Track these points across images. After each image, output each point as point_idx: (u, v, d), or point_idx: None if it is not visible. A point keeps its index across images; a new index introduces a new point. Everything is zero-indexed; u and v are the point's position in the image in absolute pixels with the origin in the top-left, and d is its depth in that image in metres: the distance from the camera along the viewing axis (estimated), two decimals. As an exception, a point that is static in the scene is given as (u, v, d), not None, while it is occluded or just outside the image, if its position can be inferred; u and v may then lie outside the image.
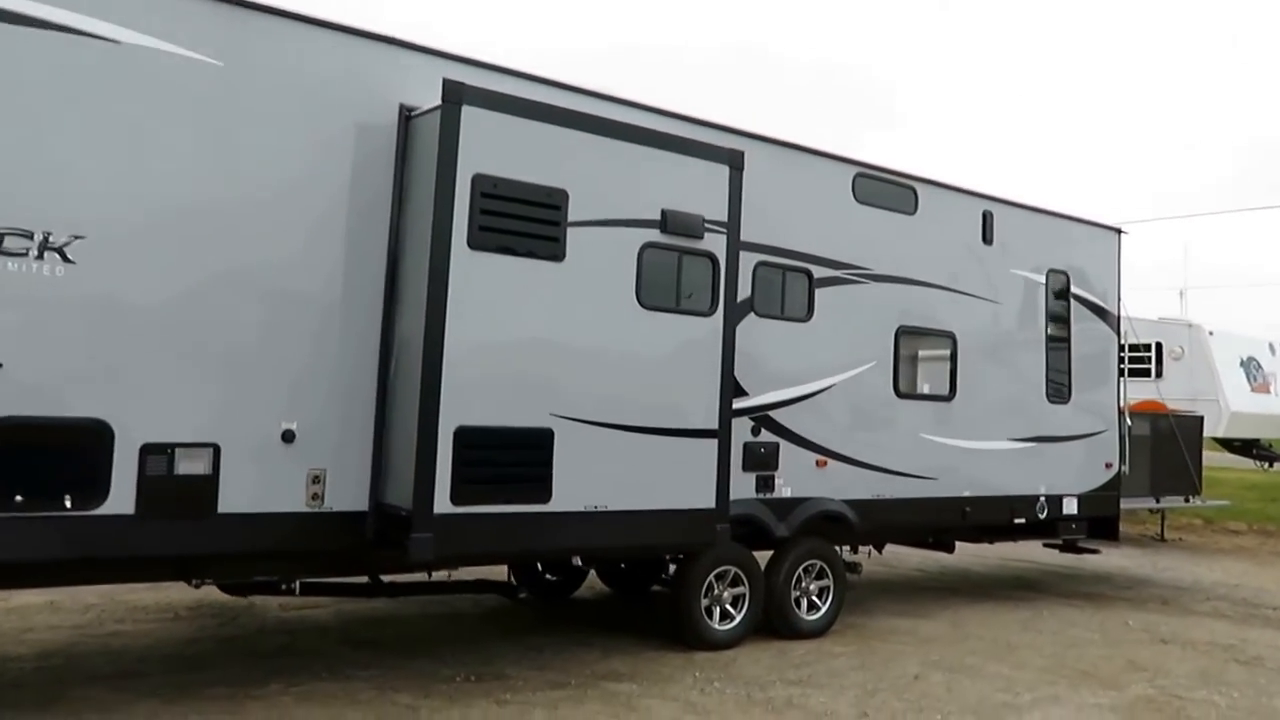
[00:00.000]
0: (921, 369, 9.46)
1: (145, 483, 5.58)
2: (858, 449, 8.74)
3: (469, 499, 6.05)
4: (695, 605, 7.85)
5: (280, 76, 5.98)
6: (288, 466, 6.04)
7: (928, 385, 9.43)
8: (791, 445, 8.29)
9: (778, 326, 8.24)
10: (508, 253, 6.22)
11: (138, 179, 5.58)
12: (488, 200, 6.12)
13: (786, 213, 8.32)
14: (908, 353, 9.21)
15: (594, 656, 7.61)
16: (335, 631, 8.15)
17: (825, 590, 8.68)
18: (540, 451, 6.35)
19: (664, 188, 6.89)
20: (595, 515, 6.58)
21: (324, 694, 6.44)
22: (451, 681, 6.84)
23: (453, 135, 5.99)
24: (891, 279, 9.05)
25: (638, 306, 6.77)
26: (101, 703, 6.10)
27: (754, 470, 8.06)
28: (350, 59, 6.21)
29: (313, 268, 6.10)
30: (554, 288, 6.40)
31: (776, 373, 8.21)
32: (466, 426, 6.06)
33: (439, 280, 5.96)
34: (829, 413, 8.53)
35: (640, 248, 6.78)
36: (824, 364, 8.52)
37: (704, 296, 7.12)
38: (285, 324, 6.01)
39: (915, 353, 9.36)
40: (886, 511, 8.97)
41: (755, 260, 8.05)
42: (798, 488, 8.35)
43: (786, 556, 8.40)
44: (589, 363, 6.58)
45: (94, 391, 5.49)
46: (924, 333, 9.33)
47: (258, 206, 5.91)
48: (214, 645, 7.59)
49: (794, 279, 8.38)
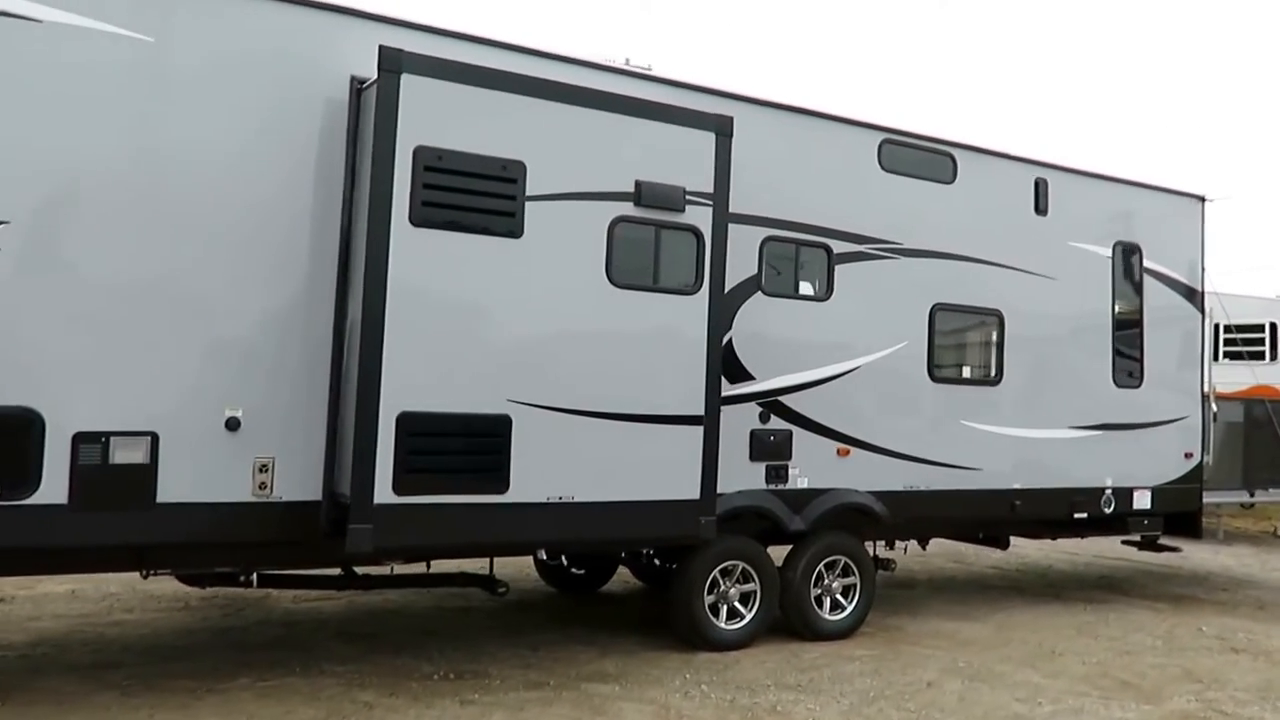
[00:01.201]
0: (962, 351, 8.70)
1: (78, 472, 5.44)
2: (886, 437, 8.08)
3: (413, 489, 5.73)
4: (697, 602, 7.37)
5: (217, 51, 5.76)
6: (232, 455, 5.82)
7: (969, 368, 8.67)
8: (807, 433, 7.70)
9: (790, 306, 7.66)
10: (456, 229, 5.87)
11: (65, 162, 5.43)
12: (432, 174, 5.77)
13: (801, 184, 7.72)
14: (945, 333, 8.48)
15: (589, 656, 7.22)
16: (334, 625, 7.97)
17: (851, 589, 8.07)
18: (495, 439, 5.98)
19: (638, 158, 6.41)
20: (560, 507, 6.18)
21: (288, 689, 6.24)
22: (427, 679, 6.55)
23: (391, 106, 5.66)
24: (925, 254, 8.33)
25: (608, 285, 6.32)
26: (61, 695, 6.02)
27: (763, 460, 7.51)
28: (295, 29, 5.94)
29: (257, 249, 5.86)
30: (511, 266, 6.01)
31: (789, 355, 7.63)
32: (411, 412, 5.73)
33: (378, 259, 5.65)
34: (852, 398, 7.90)
35: (611, 222, 6.33)
36: (845, 346, 7.89)
37: (686, 274, 6.62)
38: (227, 308, 5.79)
39: (954, 333, 8.60)
40: (922, 504, 8.28)
41: (763, 235, 7.49)
42: (815, 478, 7.76)
43: (804, 552, 7.83)
44: (552, 346, 6.18)
45: (22, 379, 5.35)
46: (965, 311, 8.57)
47: (195, 187, 5.71)
48: (208, 637, 7.50)
49: (810, 255, 7.78)
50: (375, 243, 5.64)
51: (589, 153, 6.27)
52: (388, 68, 5.64)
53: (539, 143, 6.07)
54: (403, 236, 5.70)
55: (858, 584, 8.09)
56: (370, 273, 5.63)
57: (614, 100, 6.33)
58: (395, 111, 5.65)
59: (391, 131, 5.65)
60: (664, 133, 6.50)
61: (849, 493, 7.91)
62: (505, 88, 5.96)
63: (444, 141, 5.79)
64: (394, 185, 5.66)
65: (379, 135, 5.63)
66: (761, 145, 7.40)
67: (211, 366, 5.76)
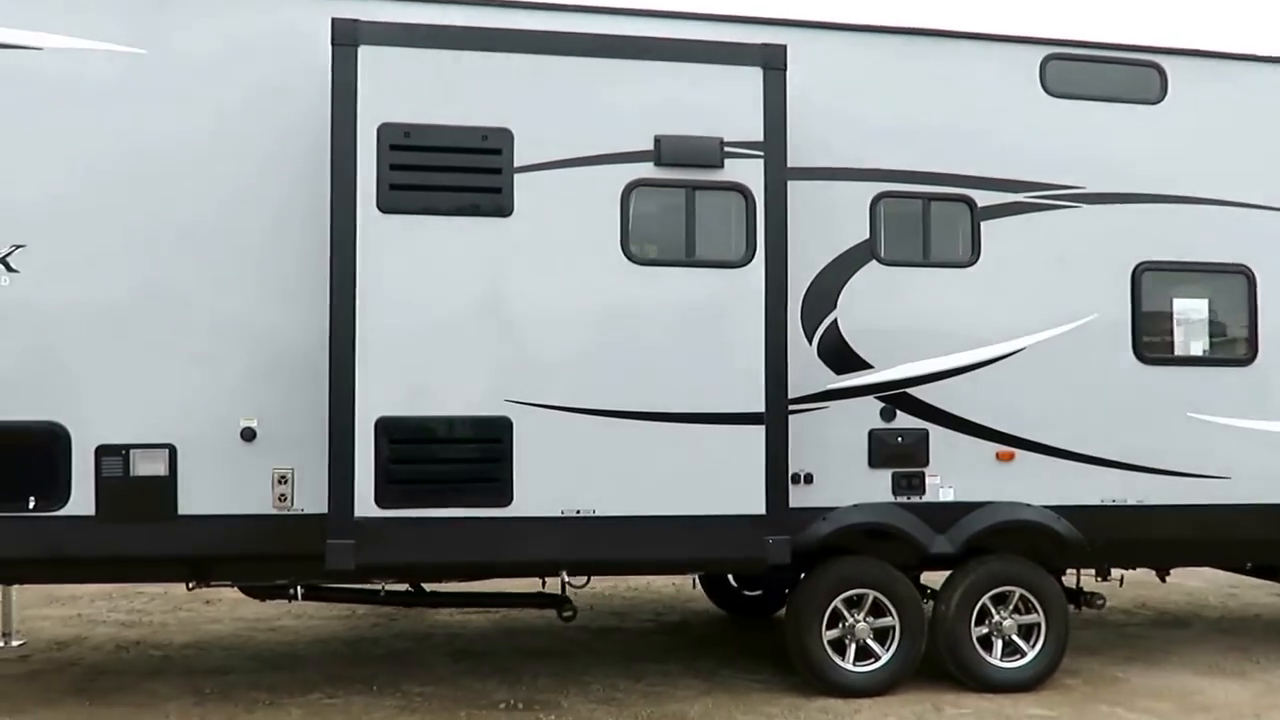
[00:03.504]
0: (1188, 322, 6.64)
1: (102, 484, 5.48)
2: (1071, 436, 6.34)
3: (398, 501, 5.21)
4: (810, 639, 6.17)
5: (206, 58, 5.56)
6: (250, 466, 5.61)
7: (1201, 344, 6.61)
8: (950, 432, 6.21)
9: (919, 276, 6.22)
10: (432, 213, 5.27)
11: (71, 180, 5.47)
12: (400, 153, 5.23)
13: (926, 123, 6.27)
14: (1159, 299, 6.51)
15: (686, 694, 6.32)
16: (464, 640, 7.64)
17: (1033, 630, 6.40)
18: (494, 445, 5.30)
19: (656, 109, 5.46)
20: (578, 522, 5.35)
21: (334, 710, 5.97)
22: (490, 708, 6.02)
23: (349, 81, 5.20)
24: (1123, 197, 6.47)
25: (625, 262, 5.42)
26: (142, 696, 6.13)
27: (888, 466, 6.15)
28: (275, 14, 5.62)
29: (265, 254, 5.61)
30: (501, 249, 5.32)
31: (919, 337, 6.19)
32: (391, 418, 5.22)
33: (345, 252, 5.20)
34: (1014, 387, 6.27)
35: (625, 188, 5.43)
36: (1002, 321, 6.28)
37: (733, 242, 5.52)
38: (238, 315, 5.60)
39: (1174, 299, 6.58)
40: (1134, 523, 6.42)
41: (875, 192, 6.14)
42: (966, 489, 6.25)
43: (959, 581, 6.34)
44: (558, 336, 5.39)
45: (47, 395, 5.48)
46: (1189, 269, 6.55)
47: (202, 199, 5.55)
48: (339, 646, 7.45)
49: (945, 211, 6.28)
50: (341, 234, 5.19)
51: (589, 110, 5.41)
52: (341, 41, 5.18)
53: (526, 105, 5.33)
54: (371, 225, 5.20)
55: (1041, 623, 6.39)
56: (337, 267, 5.19)
57: (615, 44, 5.43)
58: (354, 88, 5.18)
59: (351, 111, 5.18)
60: (689, 75, 5.48)
61: (1016, 507, 6.28)
62: (480, 46, 5.28)
63: (412, 116, 5.24)
64: (358, 170, 5.18)
65: (338, 116, 5.18)
66: (862, 82, 6.09)
67: (223, 376, 5.59)
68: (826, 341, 6.04)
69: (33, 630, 7.91)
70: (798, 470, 5.98)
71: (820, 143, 5.95)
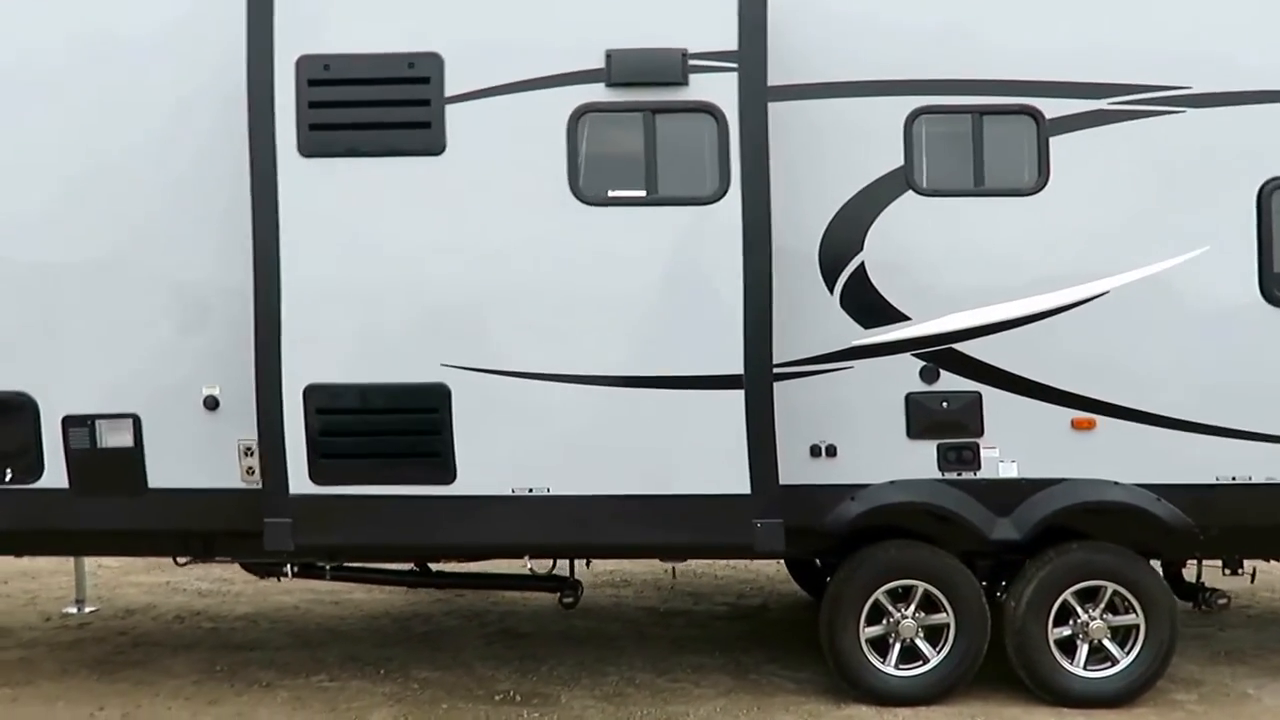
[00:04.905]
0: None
1: (72, 456, 5.33)
2: (1174, 399, 5.08)
3: (334, 478, 4.76)
4: (844, 636, 5.29)
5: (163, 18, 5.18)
6: (214, 437, 5.29)
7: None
8: (1010, 395, 5.11)
9: (968, 208, 5.13)
10: (357, 154, 4.72)
11: (24, 154, 5.26)
12: (320, 89, 4.70)
13: (975, 17, 5.13)
14: (1298, 224, 5.11)
15: (706, 693, 5.62)
16: (508, 620, 7.17)
17: (1129, 632, 5.23)
18: (430, 416, 4.72)
19: (605, 18, 4.66)
20: (530, 502, 4.71)
21: (325, 694, 5.65)
22: (482, 700, 5.55)
23: (264, 12, 4.69)
24: (1243, 97, 5.08)
25: (574, 202, 4.69)
26: (160, 673, 6.00)
27: (931, 436, 5.13)
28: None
29: (221, 215, 5.22)
30: (432, 191, 4.72)
31: (969, 282, 5.11)
32: (320, 385, 4.74)
33: (265, 203, 4.74)
34: (1097, 339, 5.08)
35: (572, 115, 4.67)
36: (1077, 259, 5.09)
37: (701, 173, 4.67)
38: (192, 277, 5.25)
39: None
40: (1265, 506, 5.10)
41: (910, 108, 5.09)
42: (1034, 463, 5.14)
43: (1033, 573, 5.24)
44: (499, 292, 4.73)
45: (13, 364, 5.35)
46: (1342, 185, 5.08)
47: (149, 160, 5.21)
48: (385, 623, 7.14)
49: (1001, 127, 5.14)
50: (261, 182, 4.71)
51: (527, 25, 4.68)
52: (253, -33, 4.68)
53: (457, 25, 4.68)
54: (292, 171, 4.71)
55: (1140, 625, 5.20)
56: (258, 220, 4.73)
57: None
58: (270, 18, 4.67)
59: (267, 44, 4.68)
60: (643, -24, 4.63)
61: (1099, 486, 5.10)
62: (401, -38, 4.64)
63: (332, 45, 4.68)
64: (276, 110, 4.69)
65: (253, 52, 4.69)
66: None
67: (182, 341, 5.28)
68: (851, 290, 5.07)
69: (115, 596, 8.07)
70: (818, 441, 5.10)
71: (833, 50, 4.98)
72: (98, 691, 5.72)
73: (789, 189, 4.94)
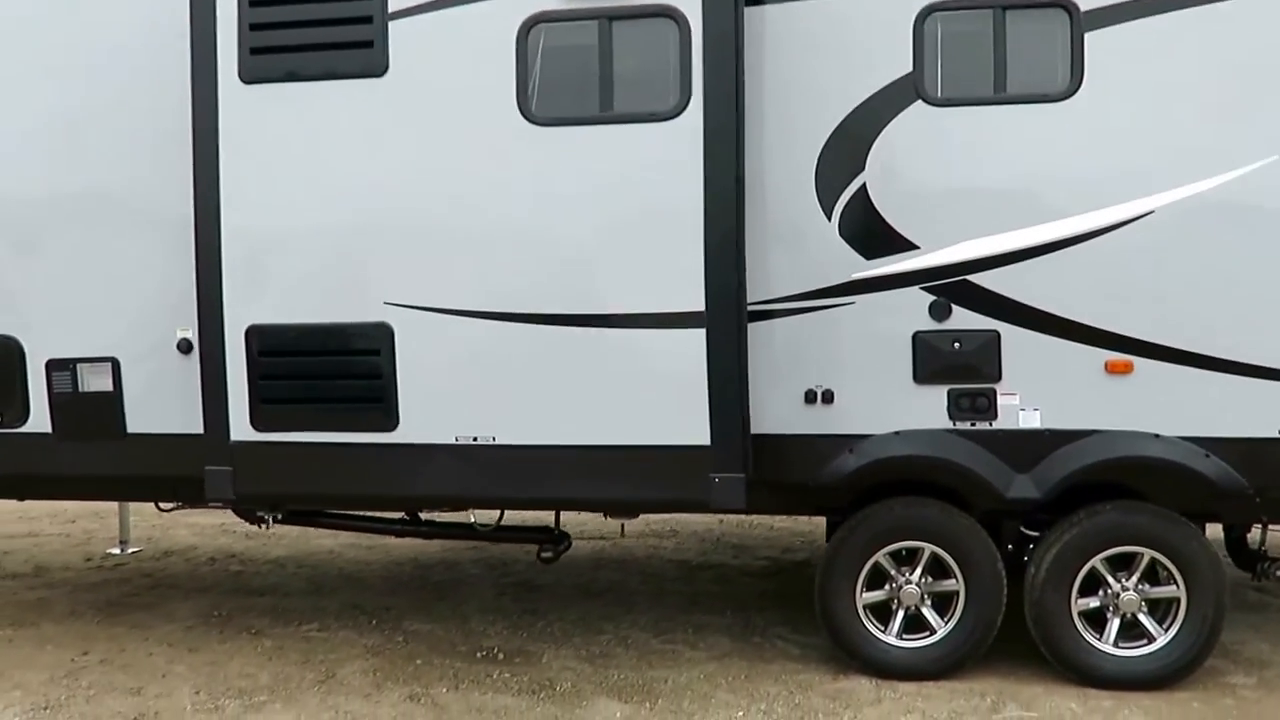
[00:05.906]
0: None
1: (55, 400, 5.27)
2: (1230, 340, 4.36)
3: (275, 423, 4.52)
4: (840, 602, 4.81)
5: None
6: (191, 381, 5.11)
7: None
8: (1033, 334, 4.48)
9: (988, 117, 4.47)
10: (296, 79, 4.39)
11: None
12: (261, 9, 4.38)
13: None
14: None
15: (693, 655, 5.23)
16: (532, 570, 6.86)
17: (1168, 605, 4.58)
18: (373, 358, 4.41)
19: (554, -83, 4.17)
20: (475, 451, 4.37)
21: (310, 643, 5.49)
22: (465, 656, 5.29)
23: (199, -73, 4.38)
24: (1325, -25, 4.26)
25: (524, 123, 4.27)
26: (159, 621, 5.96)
27: (941, 380, 4.55)
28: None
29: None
30: (373, 116, 4.36)
31: (987, 203, 4.47)
32: (261, 326, 4.49)
33: (206, 134, 4.47)
34: (1137, 269, 4.39)
35: (521, 27, 4.23)
36: (1116, 174, 4.38)
37: (661, 88, 4.16)
38: (167, 216, 5.05)
39: None
40: (1337, 464, 4.36)
41: (920, 4, 4.46)
42: (1060, 412, 4.51)
43: (1056, 537, 4.64)
44: (445, 223, 4.36)
45: (0, 308, 5.31)
46: None
47: (117, 99, 5.02)
48: (407, 570, 7.02)
49: (1027, 23, 4.45)
50: (202, 111, 4.44)
51: (471, -74, 4.23)
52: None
53: (393, -70, 4.25)
54: (233, 99, 4.42)
55: (1181, 599, 4.54)
56: (199, 151, 4.47)
57: None
58: (204, -67, 4.36)
59: (205, -37, 4.37)
60: None
61: (1136, 439, 4.44)
62: None
63: (270, -40, 4.33)
64: (217, 34, 4.40)
65: (192, -29, 4.39)
66: None
67: (155, 281, 5.12)
68: (852, 216, 4.51)
69: (164, 538, 8.16)
70: (813, 386, 4.59)
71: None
72: (91, 635, 5.69)
73: (777, 103, 4.42)
